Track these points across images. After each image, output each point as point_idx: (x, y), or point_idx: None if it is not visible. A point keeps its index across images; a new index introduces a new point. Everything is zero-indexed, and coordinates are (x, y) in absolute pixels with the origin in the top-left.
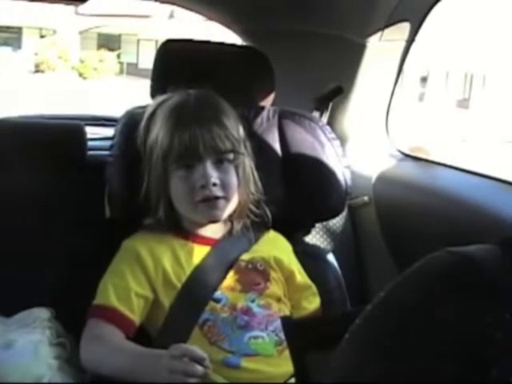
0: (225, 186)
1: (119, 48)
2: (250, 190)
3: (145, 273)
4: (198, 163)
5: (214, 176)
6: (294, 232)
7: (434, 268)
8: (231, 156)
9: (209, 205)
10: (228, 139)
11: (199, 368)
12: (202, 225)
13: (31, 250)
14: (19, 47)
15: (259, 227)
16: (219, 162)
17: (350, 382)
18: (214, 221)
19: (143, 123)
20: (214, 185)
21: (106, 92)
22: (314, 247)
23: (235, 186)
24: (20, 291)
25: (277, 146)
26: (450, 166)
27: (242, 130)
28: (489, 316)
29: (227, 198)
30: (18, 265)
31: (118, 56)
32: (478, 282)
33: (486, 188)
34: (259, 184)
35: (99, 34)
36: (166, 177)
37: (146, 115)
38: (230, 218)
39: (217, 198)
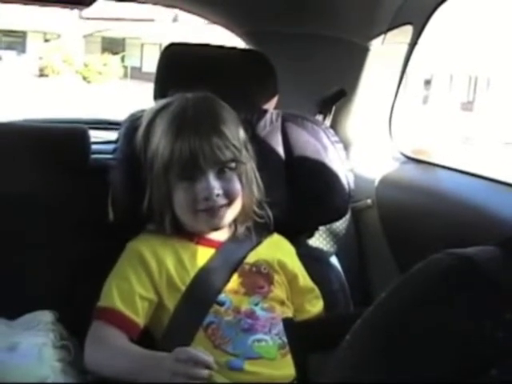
0: (228, 194)
1: (123, 52)
2: (254, 193)
3: (149, 275)
4: (200, 175)
5: (216, 187)
6: (297, 235)
7: (434, 270)
8: (233, 164)
9: (211, 214)
10: (228, 149)
11: (203, 371)
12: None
13: (35, 253)
14: (23, 51)
15: (263, 229)
16: (221, 172)
17: (350, 383)
18: (216, 229)
19: (142, 131)
20: (217, 195)
21: (109, 96)
22: (317, 250)
23: (239, 193)
24: (24, 294)
25: (280, 149)
26: (453, 169)
27: (242, 135)
28: (489, 317)
29: (231, 205)
30: (21, 268)
31: (122, 59)
32: (478, 284)
33: (489, 190)
34: (261, 185)
35: (103, 38)
36: (169, 188)
37: (145, 123)
38: (235, 221)
39: (220, 206)
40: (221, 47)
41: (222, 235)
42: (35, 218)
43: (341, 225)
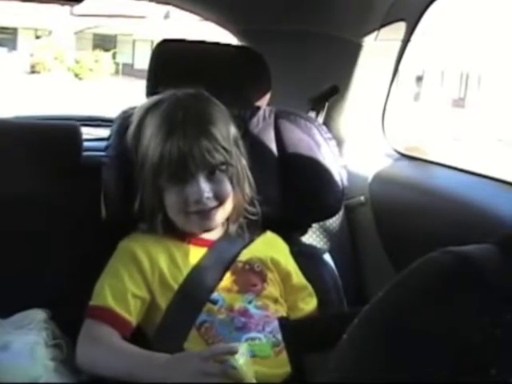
0: (219, 196)
1: (115, 48)
2: (245, 192)
3: (141, 274)
4: (191, 178)
5: (206, 190)
6: (290, 232)
7: (431, 268)
8: (223, 167)
9: (202, 216)
10: (218, 152)
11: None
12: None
13: (26, 251)
14: (14, 48)
15: (255, 227)
16: (211, 174)
17: (347, 383)
18: (208, 230)
19: (132, 130)
20: (208, 198)
21: (101, 92)
22: (310, 247)
23: (229, 194)
24: (16, 293)
25: (273, 146)
26: (446, 166)
27: (234, 133)
28: (487, 315)
29: (221, 206)
30: (13, 266)
31: (114, 55)
32: (475, 282)
33: (483, 187)
34: (253, 183)
35: (95, 35)
36: (160, 190)
37: (135, 121)
38: (227, 220)
39: (211, 208)
40: (213, 44)
41: (214, 234)
42: (26, 215)
43: (334, 222)
